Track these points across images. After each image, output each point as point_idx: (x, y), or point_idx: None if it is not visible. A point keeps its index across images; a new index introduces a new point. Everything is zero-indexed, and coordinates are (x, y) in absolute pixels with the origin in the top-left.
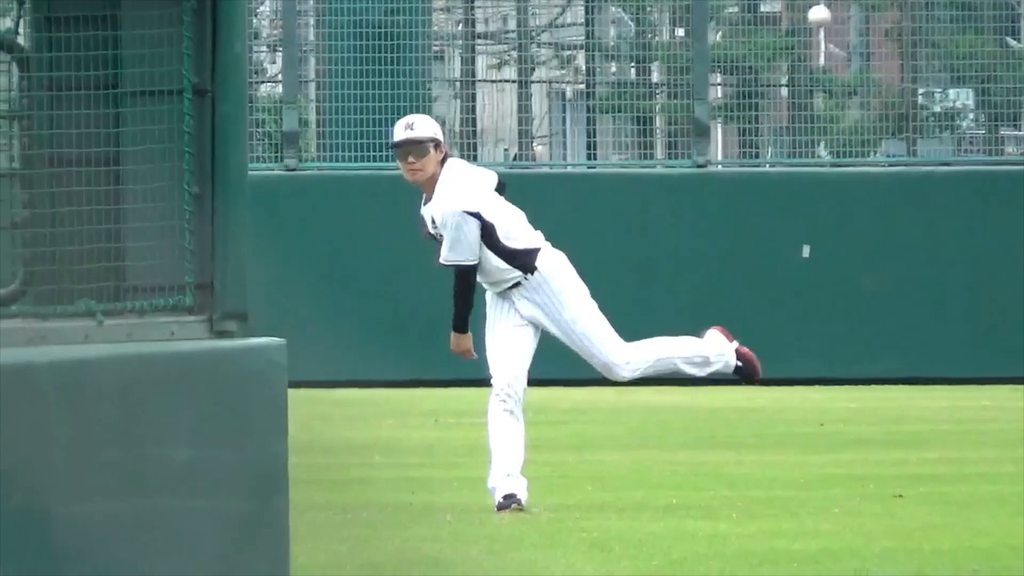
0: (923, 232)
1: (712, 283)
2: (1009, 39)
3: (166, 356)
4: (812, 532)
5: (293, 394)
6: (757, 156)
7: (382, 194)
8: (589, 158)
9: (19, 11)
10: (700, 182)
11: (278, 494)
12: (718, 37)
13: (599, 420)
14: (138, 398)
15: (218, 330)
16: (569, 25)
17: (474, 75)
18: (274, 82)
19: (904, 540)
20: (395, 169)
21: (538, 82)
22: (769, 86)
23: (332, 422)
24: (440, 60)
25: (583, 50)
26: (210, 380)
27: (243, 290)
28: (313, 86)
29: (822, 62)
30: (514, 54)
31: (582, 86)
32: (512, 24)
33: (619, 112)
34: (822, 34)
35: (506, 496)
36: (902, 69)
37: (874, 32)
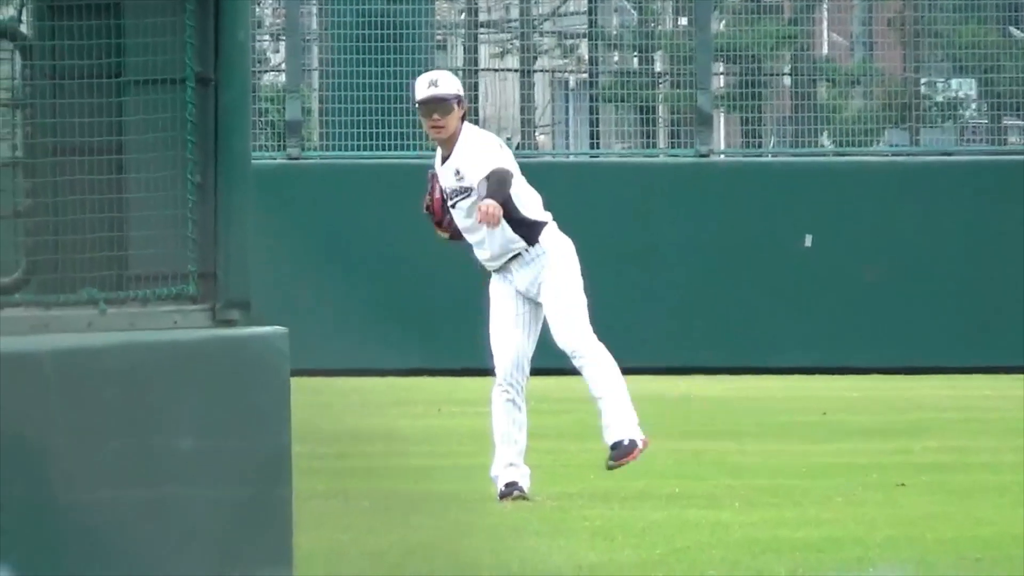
0: (925, 222)
1: (714, 273)
2: (1012, 28)
3: (169, 345)
4: (814, 521)
5: (296, 382)
6: (760, 146)
7: (385, 183)
8: (592, 147)
9: None
10: (703, 172)
11: (281, 482)
12: (721, 26)
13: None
14: (141, 386)
15: (221, 319)
16: (572, 14)
17: (477, 64)
18: (277, 71)
19: (906, 529)
20: (398, 158)
21: (541, 71)
22: (772, 75)
23: (335, 411)
24: (443, 49)
25: (586, 39)
26: (213, 369)
27: (246, 279)
28: (316, 75)
29: (825, 51)
30: (517, 43)
31: (585, 75)
32: (515, 13)
33: (622, 101)
34: (825, 23)
35: (508, 485)
36: (905, 59)
37: (877, 21)
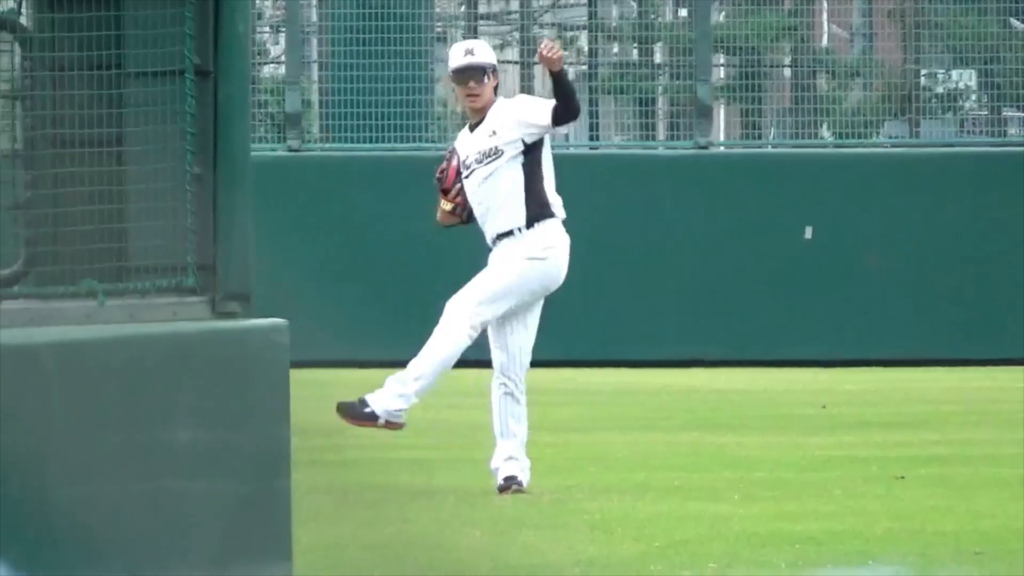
0: (925, 214)
1: (714, 264)
2: (1013, 20)
3: (168, 337)
4: (814, 514)
5: (295, 375)
6: (760, 137)
7: (385, 175)
8: (591, 139)
9: None
10: (702, 163)
11: (280, 476)
12: (721, 17)
13: (601, 401)
14: (140, 379)
15: (220, 311)
16: (571, 6)
17: None
18: (277, 63)
19: (906, 522)
20: (398, 150)
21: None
22: (772, 67)
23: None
24: (442, 41)
25: (585, 31)
26: (212, 361)
27: (245, 271)
28: (316, 67)
29: (825, 43)
30: (516, 35)
31: (584, 67)
32: (514, 5)
33: (621, 93)
34: (825, 15)
35: (506, 478)
36: (905, 50)
37: (877, 13)
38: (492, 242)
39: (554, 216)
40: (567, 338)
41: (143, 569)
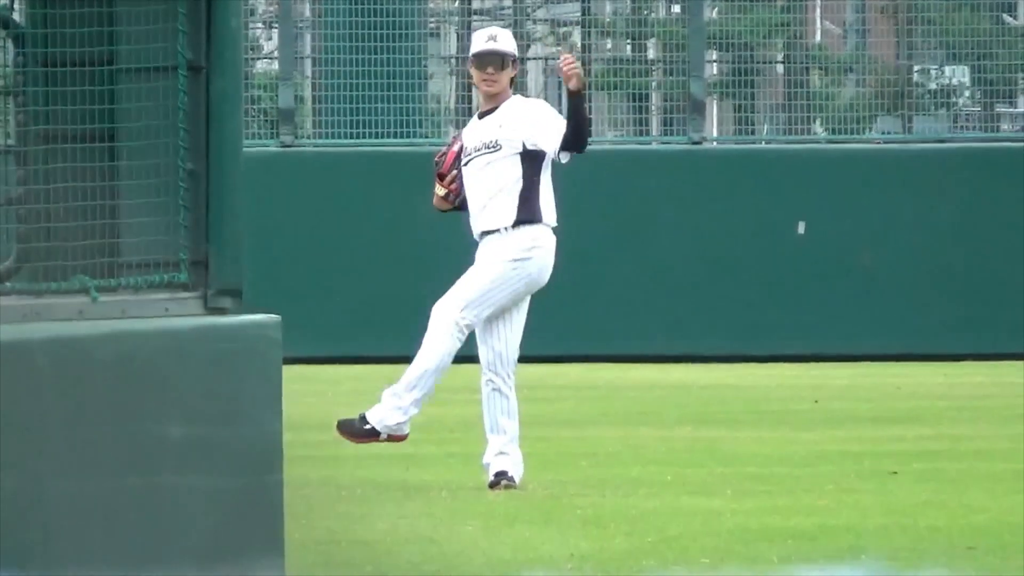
0: (918, 209)
1: (707, 260)
2: (1005, 16)
3: (161, 333)
4: (807, 509)
5: (288, 370)
6: (753, 133)
7: (377, 171)
8: None
9: None
10: (696, 159)
11: (273, 471)
12: (714, 13)
13: (594, 397)
14: (133, 374)
15: (213, 306)
16: (565, 1)
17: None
18: (270, 59)
19: (899, 517)
20: (391, 146)
21: (534, 59)
22: (765, 63)
23: (327, 399)
24: (436, 37)
25: (579, 26)
26: (205, 357)
27: (238, 267)
28: (309, 63)
29: (818, 39)
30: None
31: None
32: (508, 0)
33: (615, 89)
34: (818, 11)
35: (497, 474)
36: (898, 46)
37: (870, 9)
38: (478, 236)
39: (542, 222)
40: (560, 334)
41: (136, 564)
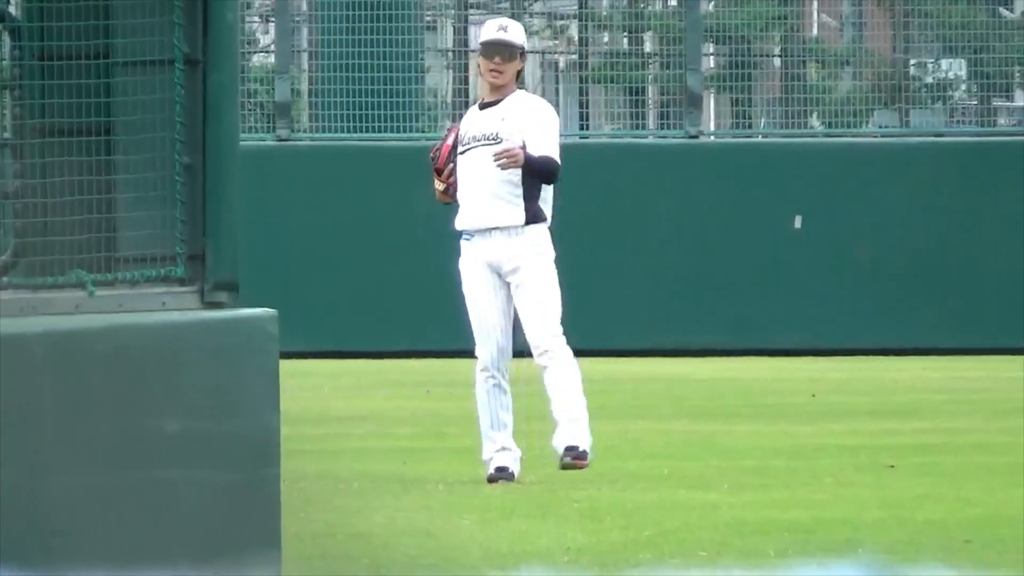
0: (915, 203)
1: (704, 254)
2: (1002, 9)
3: (157, 327)
4: (804, 502)
5: (285, 365)
6: (750, 127)
7: (374, 164)
8: (581, 128)
9: None
10: (692, 152)
11: (270, 464)
12: (711, 7)
13: (591, 391)
14: (129, 368)
15: (209, 301)
16: None
17: (466, 45)
18: (266, 52)
19: (896, 510)
20: (387, 140)
21: (531, 52)
22: (762, 56)
23: (324, 393)
24: (432, 30)
25: (576, 20)
26: (202, 351)
27: (234, 261)
28: (305, 56)
29: (815, 32)
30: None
31: (575, 56)
32: None
33: (611, 82)
34: (815, 4)
35: (498, 468)
36: (895, 39)
37: (867, 2)
38: (477, 232)
39: (546, 220)
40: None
41: (133, 556)
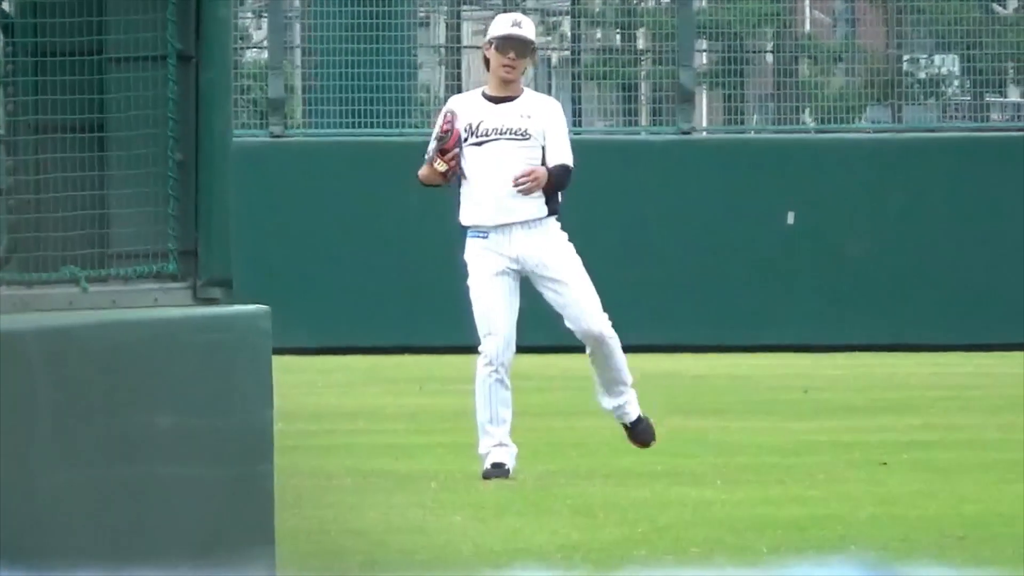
0: (908, 199)
1: (697, 250)
2: (995, 5)
3: (150, 323)
4: (798, 499)
5: (278, 361)
6: (742, 123)
7: (367, 161)
8: (574, 124)
9: None
10: (685, 149)
11: (263, 460)
12: (703, 3)
13: (586, 387)
14: (122, 365)
15: (202, 297)
16: None
17: (459, 41)
18: (259, 48)
19: (889, 507)
20: (380, 136)
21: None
22: (754, 52)
23: (317, 389)
24: (425, 26)
25: (568, 16)
26: (195, 347)
27: (227, 257)
28: (299, 52)
29: (807, 28)
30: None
31: (567, 53)
32: None
33: (604, 79)
34: (807, 0)
35: (494, 464)
36: (887, 35)
37: None
38: (495, 228)
39: (558, 213)
40: (549, 324)
41: (126, 553)
